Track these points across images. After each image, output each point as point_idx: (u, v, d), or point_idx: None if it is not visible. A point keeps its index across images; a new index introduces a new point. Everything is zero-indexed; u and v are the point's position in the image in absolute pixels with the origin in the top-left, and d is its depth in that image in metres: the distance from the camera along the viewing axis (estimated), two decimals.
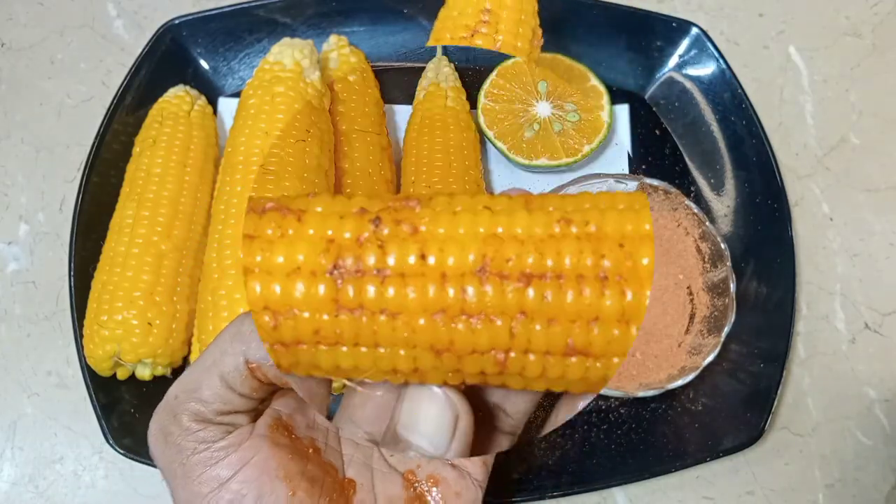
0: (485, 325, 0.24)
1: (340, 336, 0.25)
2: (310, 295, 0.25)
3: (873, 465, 0.57)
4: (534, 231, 0.25)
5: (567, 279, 0.24)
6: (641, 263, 0.24)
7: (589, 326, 0.24)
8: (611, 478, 0.54)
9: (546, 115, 0.62)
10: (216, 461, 0.28)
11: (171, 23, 0.63)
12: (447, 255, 0.25)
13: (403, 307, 0.25)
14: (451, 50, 0.66)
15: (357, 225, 0.25)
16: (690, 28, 0.64)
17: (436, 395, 0.27)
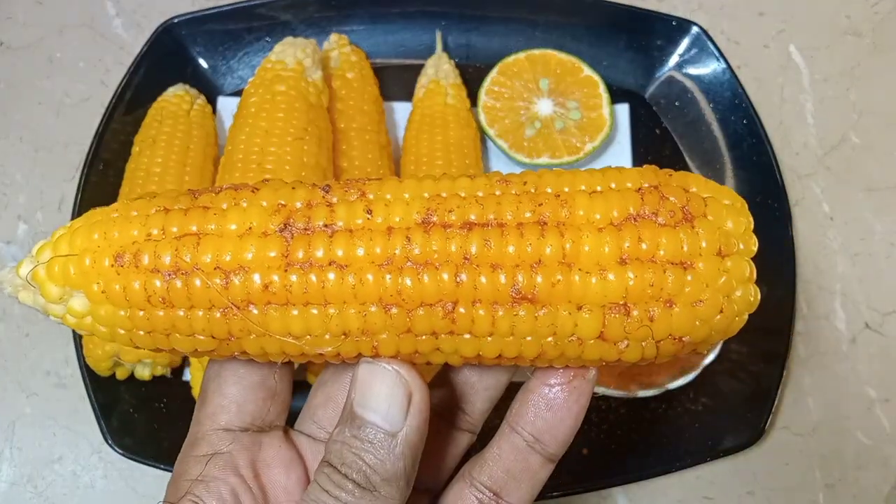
0: (431, 275, 0.25)
1: (290, 293, 0.25)
2: (260, 254, 0.25)
3: (874, 464, 0.57)
4: (475, 191, 0.26)
5: (508, 227, 0.25)
6: (578, 214, 0.25)
7: (532, 271, 0.25)
8: (611, 478, 0.54)
9: (548, 113, 0.62)
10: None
11: (170, 22, 0.63)
12: (393, 212, 0.26)
13: (351, 260, 0.25)
14: (451, 47, 0.66)
15: (308, 193, 0.26)
16: (691, 27, 0.63)
17: (388, 371, 0.27)
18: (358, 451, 0.27)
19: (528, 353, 0.26)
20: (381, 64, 0.66)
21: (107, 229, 0.26)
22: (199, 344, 0.26)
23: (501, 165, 0.64)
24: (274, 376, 0.31)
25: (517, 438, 0.30)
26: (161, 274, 0.25)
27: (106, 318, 0.26)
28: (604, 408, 0.57)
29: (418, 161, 0.59)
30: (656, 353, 0.26)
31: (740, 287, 0.26)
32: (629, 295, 0.25)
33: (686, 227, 0.25)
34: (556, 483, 0.53)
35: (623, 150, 0.64)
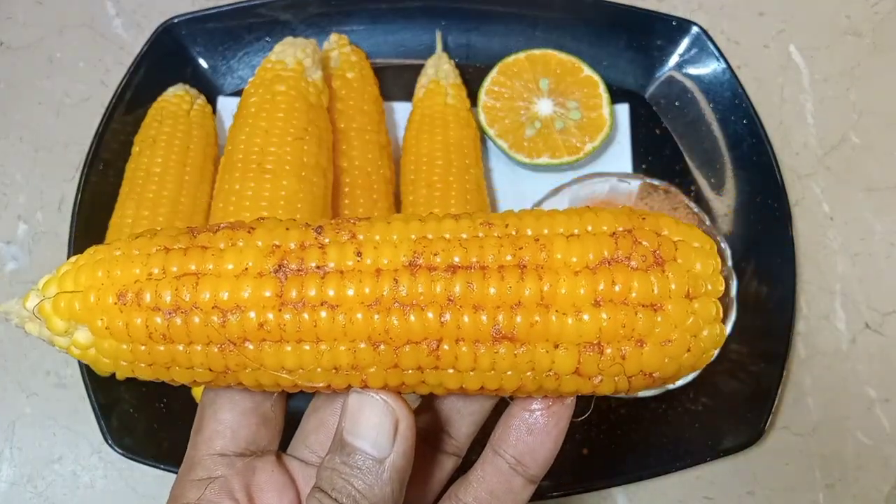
0: (417, 315, 0.27)
1: (284, 331, 0.27)
2: (255, 294, 0.27)
3: (874, 464, 0.57)
4: (459, 233, 0.28)
5: (490, 270, 0.27)
6: (556, 257, 0.27)
7: (512, 311, 0.27)
8: (611, 478, 0.54)
9: (548, 113, 0.62)
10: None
11: (170, 22, 0.63)
12: (381, 254, 0.27)
13: (342, 300, 0.27)
14: (451, 46, 0.66)
15: (301, 234, 0.28)
16: (691, 27, 0.63)
17: (376, 401, 0.29)
18: (347, 477, 0.28)
19: (509, 386, 0.28)
20: (381, 64, 0.66)
21: (110, 268, 0.28)
22: (197, 376, 0.28)
23: (501, 165, 0.64)
24: (270, 404, 0.33)
25: (500, 461, 0.32)
26: (162, 312, 0.27)
27: (109, 351, 0.28)
28: (604, 408, 0.57)
29: (418, 161, 0.59)
30: (628, 387, 0.28)
31: (707, 327, 0.28)
32: (603, 335, 0.27)
33: (657, 271, 0.27)
34: (556, 483, 0.53)
35: (623, 150, 0.64)
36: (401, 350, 0.27)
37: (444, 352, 0.27)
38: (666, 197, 0.58)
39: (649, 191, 0.58)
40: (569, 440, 0.57)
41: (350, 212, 0.57)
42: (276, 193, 0.51)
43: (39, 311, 0.28)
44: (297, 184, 0.52)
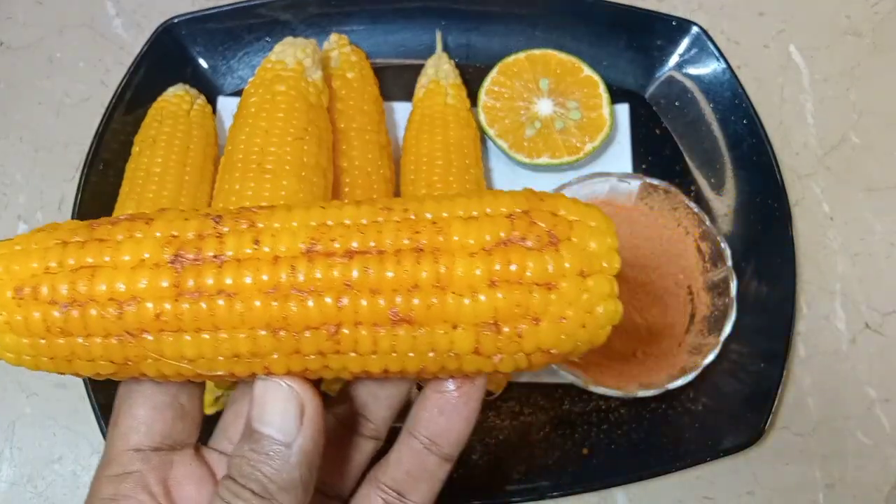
0: (315, 300, 0.27)
1: (182, 321, 0.27)
2: (152, 284, 0.27)
3: (874, 464, 0.57)
4: (359, 219, 0.28)
5: (387, 254, 0.27)
6: (453, 239, 0.28)
7: (409, 294, 0.27)
8: (611, 478, 0.54)
9: (548, 113, 0.62)
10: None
11: (170, 22, 0.63)
12: (279, 242, 0.28)
13: (240, 288, 0.27)
14: (451, 47, 0.66)
15: (200, 224, 0.28)
16: (691, 27, 0.64)
17: (280, 386, 0.29)
18: (255, 463, 0.28)
19: (412, 367, 0.29)
20: (381, 64, 0.66)
21: (8, 263, 0.28)
22: (99, 368, 0.28)
23: (502, 165, 0.64)
24: (185, 398, 0.33)
25: (415, 442, 0.33)
26: (59, 305, 0.27)
27: (11, 345, 0.28)
28: (603, 408, 0.57)
29: (418, 161, 0.59)
30: (528, 363, 0.29)
31: (602, 303, 0.28)
32: (499, 314, 0.27)
33: (551, 250, 0.28)
34: (556, 483, 0.53)
35: (623, 150, 0.64)
36: (301, 336, 0.27)
37: (344, 336, 0.27)
38: (666, 197, 0.58)
39: (649, 191, 0.58)
40: (568, 440, 0.57)
41: None
42: (276, 193, 0.51)
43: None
44: (297, 184, 0.52)
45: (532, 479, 0.53)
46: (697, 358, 0.54)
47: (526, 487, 0.53)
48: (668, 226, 0.59)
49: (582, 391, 0.56)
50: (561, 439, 0.56)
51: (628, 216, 0.59)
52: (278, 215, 0.29)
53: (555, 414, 0.57)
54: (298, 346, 0.28)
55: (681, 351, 0.55)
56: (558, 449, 0.55)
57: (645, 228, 0.59)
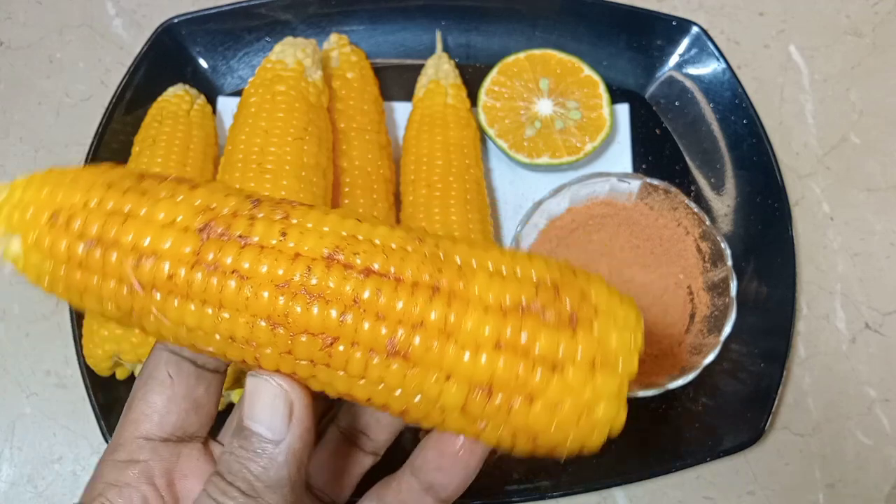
0: (320, 307, 0.26)
1: (190, 289, 0.27)
2: (175, 247, 0.27)
3: (874, 464, 0.57)
4: (389, 242, 0.28)
5: (403, 284, 0.26)
6: (473, 290, 0.26)
7: (412, 331, 0.26)
8: (611, 478, 0.54)
9: (548, 113, 0.62)
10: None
11: (169, 22, 0.63)
12: (305, 241, 0.27)
13: (253, 275, 0.27)
14: (451, 47, 0.66)
15: (238, 203, 0.28)
16: (691, 27, 0.64)
17: (270, 384, 0.29)
18: (243, 461, 0.28)
19: (395, 406, 0.28)
20: (381, 64, 0.66)
21: (55, 188, 0.28)
22: (106, 310, 0.29)
23: (502, 165, 0.64)
24: (203, 389, 0.33)
25: (414, 482, 0.33)
26: (85, 241, 0.28)
27: (34, 265, 0.29)
28: None
29: (418, 161, 0.59)
30: (511, 444, 0.27)
31: (604, 403, 0.26)
32: (495, 379, 0.26)
33: (567, 331, 0.26)
34: (556, 483, 0.53)
35: (623, 150, 0.64)
36: (297, 338, 0.27)
37: (338, 352, 0.27)
38: (666, 197, 0.58)
39: (649, 190, 0.58)
40: None
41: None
42: (276, 193, 0.51)
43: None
44: (297, 184, 0.52)
45: (532, 479, 0.54)
46: (697, 358, 0.54)
47: (526, 487, 0.53)
48: (668, 226, 0.59)
49: None
50: None
51: (628, 216, 0.59)
52: (313, 215, 0.28)
53: None
54: (291, 348, 0.27)
55: (681, 351, 0.55)
56: None
57: (645, 228, 0.59)
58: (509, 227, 0.62)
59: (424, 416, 0.28)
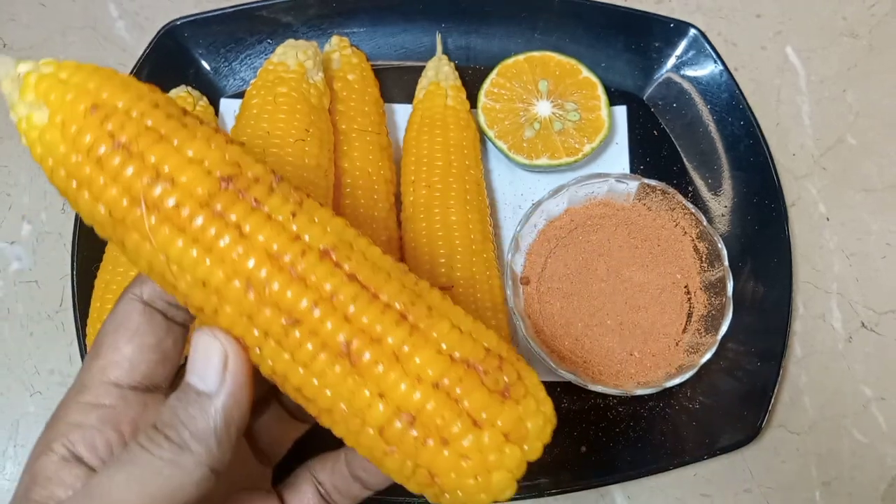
0: (295, 290, 0.27)
1: (186, 226, 0.27)
2: (190, 184, 0.28)
3: (869, 463, 0.58)
4: (379, 262, 0.30)
5: (377, 301, 0.28)
6: (433, 333, 0.28)
7: (368, 343, 0.28)
8: (609, 476, 0.54)
9: (547, 115, 0.63)
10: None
11: (172, 24, 0.63)
12: (309, 230, 0.28)
13: (250, 238, 0.28)
14: (451, 49, 0.67)
15: (263, 172, 0.29)
16: (688, 29, 0.64)
17: (207, 336, 0.29)
18: (175, 410, 0.29)
19: (322, 404, 0.29)
20: (382, 66, 0.66)
21: (103, 85, 0.29)
22: (96, 214, 0.29)
23: (501, 167, 0.64)
24: (171, 342, 0.33)
25: (346, 469, 0.36)
26: (111, 143, 0.28)
27: (48, 142, 0.28)
28: (601, 406, 0.58)
29: (419, 162, 0.59)
30: (409, 476, 0.29)
31: (501, 473, 0.28)
32: (421, 414, 0.28)
33: (498, 398, 0.28)
34: (554, 481, 0.54)
35: (621, 150, 0.65)
36: (263, 308, 0.28)
37: (294, 335, 0.28)
38: (663, 197, 0.58)
39: (647, 191, 0.59)
40: (567, 438, 0.58)
41: (351, 211, 0.57)
42: None
43: (24, 76, 0.29)
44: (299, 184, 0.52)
45: (531, 477, 0.54)
46: (695, 357, 0.55)
47: (525, 485, 0.54)
48: (665, 226, 0.59)
49: (580, 389, 0.57)
50: (559, 437, 0.56)
51: (626, 216, 0.60)
52: (323, 213, 0.30)
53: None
54: (254, 314, 0.28)
55: (678, 350, 0.56)
56: (557, 447, 0.56)
57: (643, 228, 0.59)
58: (509, 227, 0.63)
59: (343, 422, 0.29)
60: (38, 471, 0.29)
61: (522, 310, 0.57)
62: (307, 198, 0.30)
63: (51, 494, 0.28)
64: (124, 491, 0.27)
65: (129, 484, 0.27)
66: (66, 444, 0.30)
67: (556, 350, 0.56)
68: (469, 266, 0.55)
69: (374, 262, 0.29)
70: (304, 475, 0.37)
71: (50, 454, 0.29)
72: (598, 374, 0.55)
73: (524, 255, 0.59)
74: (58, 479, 0.29)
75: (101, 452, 0.30)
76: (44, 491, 0.29)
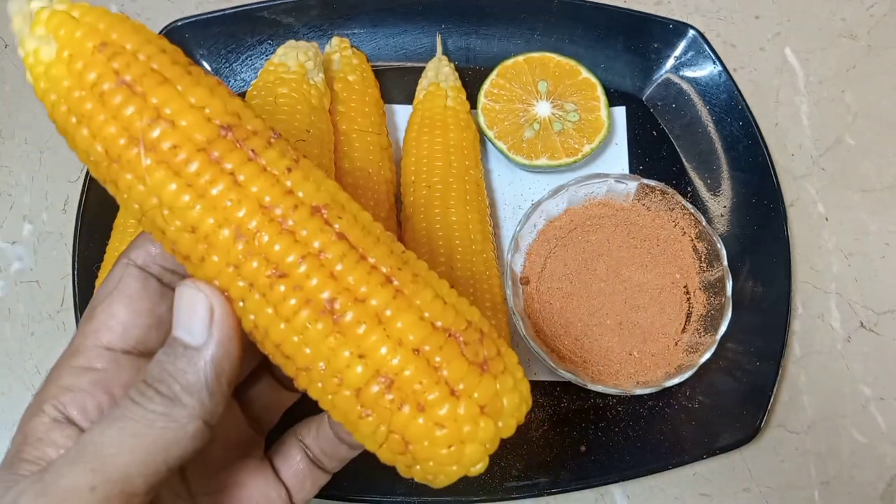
0: (284, 244, 0.27)
1: (180, 171, 0.27)
2: (189, 128, 0.28)
3: (868, 462, 0.58)
4: (370, 226, 0.30)
5: (364, 261, 0.28)
6: (416, 300, 0.28)
7: (352, 303, 0.27)
8: (609, 475, 0.55)
9: (546, 115, 0.63)
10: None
11: (173, 24, 0.64)
12: (302, 186, 0.28)
13: (243, 188, 0.28)
14: (451, 50, 0.67)
15: (262, 126, 0.29)
16: (687, 30, 0.64)
17: (191, 289, 0.29)
18: (164, 365, 0.29)
19: (301, 362, 0.29)
20: (382, 67, 0.67)
21: (113, 25, 0.29)
22: (90, 148, 0.29)
23: (501, 167, 0.65)
24: (165, 308, 0.33)
25: (330, 431, 0.36)
26: (115, 81, 0.28)
27: (53, 77, 0.28)
28: (601, 405, 0.58)
29: (419, 162, 0.59)
30: (382, 441, 0.29)
31: (476, 445, 0.28)
32: (398, 379, 0.27)
33: (476, 370, 0.28)
34: (554, 480, 0.54)
35: (620, 151, 0.65)
36: (250, 258, 0.28)
37: (278, 291, 0.28)
38: (663, 197, 0.59)
39: (646, 191, 0.59)
40: (566, 437, 0.58)
41: None
42: None
43: (37, 12, 0.29)
44: None
45: (530, 476, 0.54)
46: (694, 356, 0.55)
47: (524, 484, 0.54)
48: (664, 226, 0.59)
49: (580, 389, 0.57)
50: (559, 437, 0.56)
51: (626, 217, 0.60)
52: (317, 173, 0.30)
53: (553, 411, 0.57)
54: (241, 264, 0.28)
55: (677, 349, 0.56)
56: (556, 446, 0.56)
57: (642, 229, 0.59)
58: (508, 227, 0.63)
59: (318, 384, 0.29)
60: (30, 432, 0.29)
61: (522, 309, 0.57)
62: (303, 158, 0.30)
63: (42, 454, 0.28)
64: (117, 445, 0.27)
65: (121, 438, 0.27)
66: (56, 406, 0.30)
67: (555, 350, 0.56)
68: (469, 266, 0.55)
69: (364, 226, 0.29)
70: (291, 440, 0.37)
71: (41, 415, 0.29)
72: (597, 373, 0.55)
73: (524, 255, 0.59)
74: (48, 439, 0.29)
75: (92, 415, 0.30)
76: (35, 451, 0.29)
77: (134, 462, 0.26)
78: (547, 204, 0.59)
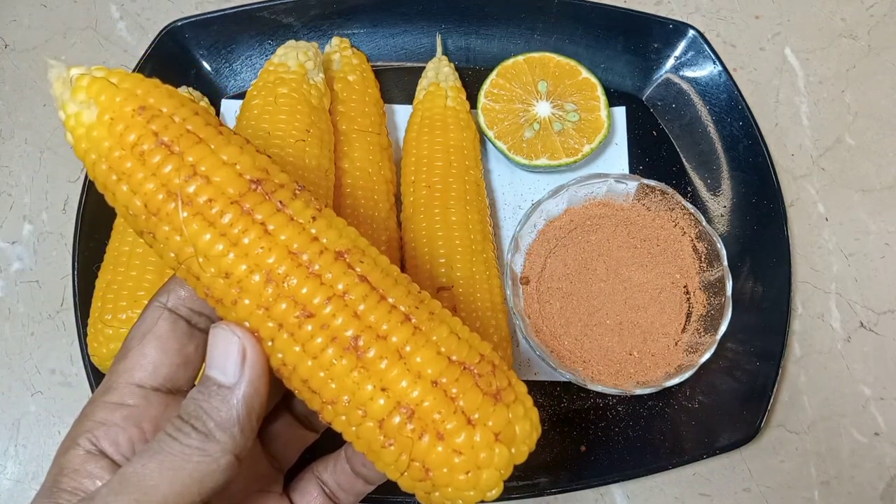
0: (311, 287, 0.30)
1: (215, 221, 0.30)
2: (222, 183, 0.30)
3: (868, 462, 0.58)
4: (388, 269, 0.32)
5: (384, 302, 0.30)
6: (433, 336, 0.30)
7: (374, 340, 0.30)
8: (609, 475, 0.55)
9: (546, 115, 0.63)
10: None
11: (173, 25, 0.64)
12: (326, 234, 0.31)
13: (273, 237, 0.30)
14: (451, 50, 0.67)
15: (289, 180, 0.32)
16: (687, 30, 0.64)
17: (224, 331, 0.31)
18: (199, 402, 0.31)
19: (326, 395, 0.31)
20: (382, 67, 0.67)
21: (150, 90, 0.31)
22: (130, 203, 0.31)
23: (501, 167, 0.65)
24: (193, 347, 0.35)
25: (347, 466, 0.38)
26: (153, 142, 0.30)
27: (94, 139, 0.31)
28: (601, 405, 0.58)
29: (418, 162, 0.59)
30: (404, 469, 0.30)
31: (492, 470, 0.30)
32: (419, 409, 0.29)
33: (490, 401, 0.30)
34: (554, 480, 0.54)
35: (620, 151, 0.65)
36: (279, 300, 0.30)
37: (306, 330, 0.30)
38: (663, 197, 0.59)
39: (646, 191, 0.59)
40: (567, 437, 0.58)
41: (351, 211, 0.58)
42: None
43: (77, 79, 0.31)
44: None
45: (531, 476, 0.54)
46: (694, 356, 0.55)
47: (525, 484, 0.54)
48: (664, 226, 0.59)
49: (580, 389, 0.57)
50: (559, 436, 0.56)
51: (626, 217, 0.60)
52: (339, 221, 0.32)
53: (553, 411, 0.57)
54: (271, 306, 0.30)
55: (677, 349, 0.56)
56: (557, 446, 0.56)
57: (642, 229, 0.59)
58: (508, 227, 0.63)
59: (342, 417, 0.31)
60: (65, 463, 0.31)
61: (522, 309, 0.57)
62: (326, 207, 0.32)
63: (79, 485, 0.30)
64: (157, 477, 0.28)
65: (161, 470, 0.29)
66: (90, 440, 0.32)
67: (555, 349, 0.56)
68: (469, 266, 0.55)
69: (383, 269, 0.32)
70: (308, 477, 0.39)
71: (76, 448, 0.31)
72: (597, 373, 0.55)
73: (524, 255, 0.59)
74: (84, 471, 0.31)
75: (124, 448, 0.32)
76: (72, 482, 0.31)
77: (172, 493, 0.28)
78: (547, 204, 0.59)
